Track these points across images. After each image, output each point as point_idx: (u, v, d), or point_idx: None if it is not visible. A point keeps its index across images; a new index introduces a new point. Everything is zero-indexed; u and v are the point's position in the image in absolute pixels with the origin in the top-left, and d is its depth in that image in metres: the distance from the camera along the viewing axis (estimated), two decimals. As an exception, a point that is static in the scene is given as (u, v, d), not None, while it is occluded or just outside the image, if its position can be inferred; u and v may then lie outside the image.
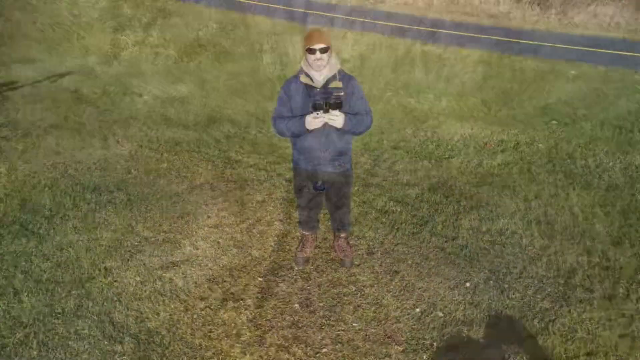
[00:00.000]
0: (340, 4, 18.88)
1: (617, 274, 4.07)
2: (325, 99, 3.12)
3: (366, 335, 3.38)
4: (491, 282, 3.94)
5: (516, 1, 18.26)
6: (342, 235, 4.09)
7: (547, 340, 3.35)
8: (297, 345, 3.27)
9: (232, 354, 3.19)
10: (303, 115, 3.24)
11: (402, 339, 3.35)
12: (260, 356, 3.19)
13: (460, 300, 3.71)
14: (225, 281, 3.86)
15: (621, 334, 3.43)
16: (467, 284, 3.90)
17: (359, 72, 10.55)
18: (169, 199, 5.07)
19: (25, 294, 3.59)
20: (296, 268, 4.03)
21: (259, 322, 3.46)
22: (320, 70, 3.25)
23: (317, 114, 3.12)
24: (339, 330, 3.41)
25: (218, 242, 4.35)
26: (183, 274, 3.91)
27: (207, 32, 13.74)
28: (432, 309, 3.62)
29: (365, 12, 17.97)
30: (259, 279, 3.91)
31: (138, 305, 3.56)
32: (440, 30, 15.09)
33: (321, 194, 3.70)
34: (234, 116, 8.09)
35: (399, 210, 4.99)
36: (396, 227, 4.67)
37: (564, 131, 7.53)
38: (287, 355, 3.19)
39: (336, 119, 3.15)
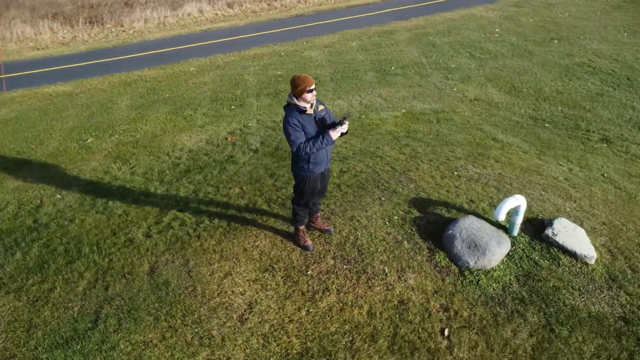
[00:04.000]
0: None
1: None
2: (342, 117, 4.45)
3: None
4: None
5: None
6: (319, 214, 5.46)
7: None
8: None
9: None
10: (322, 135, 4.45)
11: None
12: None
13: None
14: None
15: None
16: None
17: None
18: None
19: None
20: (311, 251, 5.23)
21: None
22: (314, 102, 4.52)
23: (337, 127, 4.41)
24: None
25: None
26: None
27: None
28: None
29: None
30: (309, 272, 5.03)
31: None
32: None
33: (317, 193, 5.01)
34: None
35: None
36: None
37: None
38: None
39: (345, 127, 4.50)
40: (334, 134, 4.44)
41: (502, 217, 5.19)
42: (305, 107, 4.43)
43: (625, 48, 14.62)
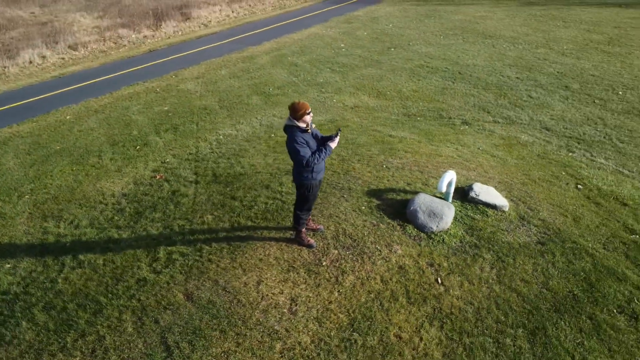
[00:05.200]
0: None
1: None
2: (335, 132, 5.49)
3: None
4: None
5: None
6: (311, 217, 6.44)
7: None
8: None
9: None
10: (324, 147, 5.44)
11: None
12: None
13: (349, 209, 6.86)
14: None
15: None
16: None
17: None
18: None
19: None
20: (315, 247, 6.14)
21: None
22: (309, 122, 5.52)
23: (334, 140, 5.45)
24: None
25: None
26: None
27: None
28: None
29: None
30: (324, 263, 5.90)
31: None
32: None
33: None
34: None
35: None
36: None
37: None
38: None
39: (338, 139, 5.56)
40: (333, 145, 5.50)
41: (444, 188, 6.76)
42: (306, 127, 5.41)
43: (447, 49, 18.02)
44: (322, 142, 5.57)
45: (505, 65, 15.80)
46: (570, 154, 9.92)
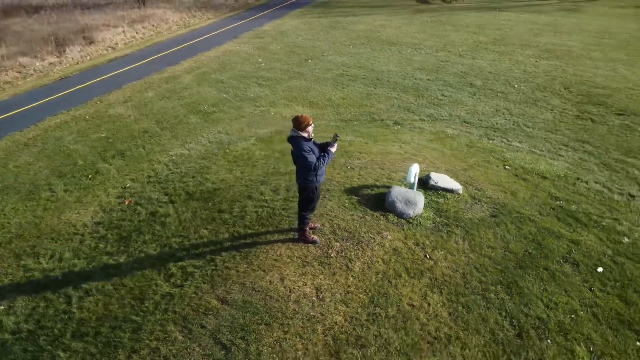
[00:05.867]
0: None
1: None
2: (333, 139, 6.28)
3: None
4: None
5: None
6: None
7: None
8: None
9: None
10: (326, 152, 6.21)
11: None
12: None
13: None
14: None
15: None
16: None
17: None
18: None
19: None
20: (319, 243, 6.86)
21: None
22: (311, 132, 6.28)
23: (333, 145, 6.25)
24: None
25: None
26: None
27: None
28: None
29: None
30: (332, 255, 6.63)
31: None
32: None
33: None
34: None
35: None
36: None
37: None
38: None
39: (336, 145, 6.38)
40: (333, 150, 6.32)
41: (412, 179, 7.86)
42: (309, 137, 6.19)
43: (359, 57, 19.51)
44: (321, 148, 6.35)
45: (415, 69, 17.59)
46: (490, 141, 11.63)
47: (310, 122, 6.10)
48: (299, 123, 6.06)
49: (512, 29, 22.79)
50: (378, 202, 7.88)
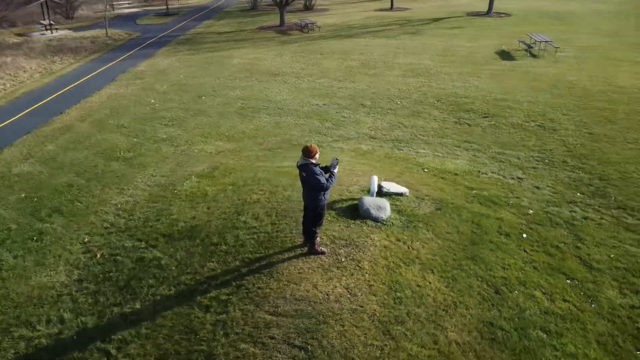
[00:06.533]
0: None
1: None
2: (336, 162, 7.51)
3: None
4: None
5: None
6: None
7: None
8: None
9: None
10: (331, 174, 7.40)
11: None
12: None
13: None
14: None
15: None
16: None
17: None
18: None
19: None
20: (327, 253, 7.97)
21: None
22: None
23: (336, 168, 7.48)
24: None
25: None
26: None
27: None
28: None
29: None
30: (343, 260, 7.74)
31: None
32: None
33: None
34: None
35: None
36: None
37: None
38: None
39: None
40: (336, 171, 7.57)
41: (375, 189, 9.43)
42: (318, 162, 7.37)
43: (251, 89, 20.69)
44: (325, 171, 7.57)
45: (308, 96, 19.39)
46: (400, 151, 13.79)
47: (317, 150, 7.29)
48: (309, 152, 7.21)
49: (373, 53, 26.01)
50: (353, 212, 9.24)
